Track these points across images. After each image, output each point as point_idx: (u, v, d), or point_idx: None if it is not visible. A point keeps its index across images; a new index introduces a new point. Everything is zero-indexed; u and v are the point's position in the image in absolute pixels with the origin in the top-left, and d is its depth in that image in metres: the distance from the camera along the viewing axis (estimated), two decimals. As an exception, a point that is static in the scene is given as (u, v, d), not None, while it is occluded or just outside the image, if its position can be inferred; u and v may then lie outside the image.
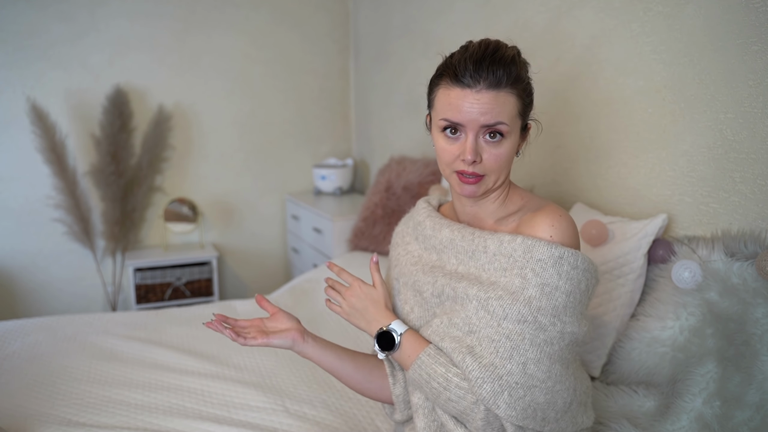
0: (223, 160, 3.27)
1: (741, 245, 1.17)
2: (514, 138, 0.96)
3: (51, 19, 2.80)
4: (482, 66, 0.92)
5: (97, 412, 1.45)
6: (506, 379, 0.91)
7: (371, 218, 2.47)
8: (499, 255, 0.97)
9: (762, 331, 1.07)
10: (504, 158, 0.96)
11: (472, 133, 0.94)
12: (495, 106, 0.92)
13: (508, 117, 0.94)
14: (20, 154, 2.83)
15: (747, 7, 1.23)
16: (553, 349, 0.93)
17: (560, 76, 1.78)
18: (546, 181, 1.89)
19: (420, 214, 1.14)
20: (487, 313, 0.94)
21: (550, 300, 0.92)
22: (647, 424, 1.15)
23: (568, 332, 0.94)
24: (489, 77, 0.92)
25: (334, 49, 3.43)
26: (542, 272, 0.92)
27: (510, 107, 0.94)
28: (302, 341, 1.07)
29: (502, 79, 0.92)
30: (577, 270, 0.94)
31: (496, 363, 0.91)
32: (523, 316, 0.92)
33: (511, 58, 0.94)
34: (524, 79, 0.96)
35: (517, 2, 1.98)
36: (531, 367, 0.91)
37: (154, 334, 1.93)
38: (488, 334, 0.93)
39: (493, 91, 0.92)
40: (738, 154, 1.28)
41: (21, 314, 2.96)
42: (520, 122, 0.97)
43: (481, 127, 0.93)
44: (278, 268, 3.51)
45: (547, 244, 0.93)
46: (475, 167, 0.95)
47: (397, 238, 1.21)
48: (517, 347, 0.91)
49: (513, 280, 0.94)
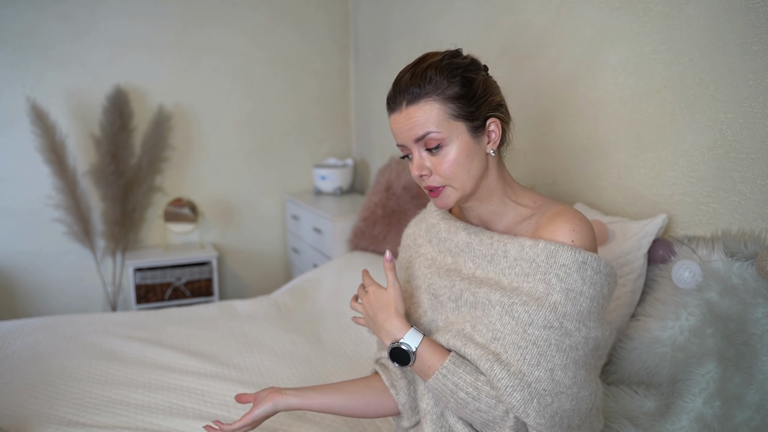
0: (223, 160, 3.27)
1: (741, 245, 1.17)
2: (458, 141, 0.95)
3: (51, 19, 2.80)
4: (399, 87, 0.96)
5: (97, 412, 1.45)
6: (535, 386, 0.89)
7: (371, 218, 2.47)
8: (521, 260, 0.95)
9: (762, 331, 1.07)
10: (453, 164, 0.95)
11: (415, 149, 0.96)
12: (418, 119, 0.94)
13: (435, 124, 0.94)
14: (20, 154, 2.83)
15: (747, 7, 1.23)
16: (578, 354, 0.92)
17: (560, 76, 1.78)
18: (546, 181, 1.89)
19: (433, 216, 1.13)
20: (511, 318, 0.92)
21: (575, 305, 0.92)
22: (648, 424, 1.15)
23: (592, 337, 0.93)
24: (406, 96, 0.95)
25: (334, 49, 3.43)
26: (566, 277, 0.91)
27: (434, 114, 0.93)
28: (281, 397, 1.06)
29: (416, 92, 0.94)
30: (600, 275, 0.93)
31: (524, 370, 0.90)
32: (549, 321, 0.90)
33: (426, 68, 0.94)
34: (443, 83, 0.94)
35: (517, 2, 1.98)
36: (558, 374, 0.90)
37: (154, 334, 1.93)
38: (514, 340, 0.91)
39: (413, 106, 0.94)
40: (738, 154, 1.28)
41: (21, 314, 2.96)
42: (464, 123, 0.95)
43: (415, 142, 0.95)
44: (278, 268, 3.51)
45: (571, 248, 0.92)
46: (427, 181, 0.97)
47: (408, 240, 1.19)
48: (544, 353, 0.90)
49: (536, 286, 0.93)
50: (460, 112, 0.95)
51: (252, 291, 3.45)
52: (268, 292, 3.37)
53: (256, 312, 2.18)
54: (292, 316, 2.15)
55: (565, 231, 0.95)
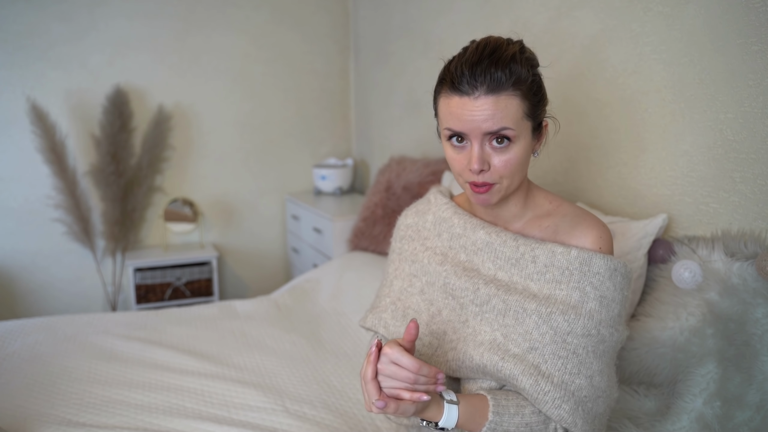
0: (223, 160, 3.27)
1: (741, 245, 1.17)
2: (524, 141, 0.91)
3: (51, 19, 2.80)
4: (478, 71, 0.86)
5: (97, 412, 1.45)
6: (578, 395, 0.89)
7: (371, 218, 2.47)
8: (552, 267, 0.94)
9: (762, 331, 1.07)
10: (514, 163, 0.90)
11: (477, 141, 0.89)
12: (497, 112, 0.86)
13: (513, 121, 0.87)
14: (20, 154, 2.83)
15: (747, 7, 1.23)
16: (610, 357, 0.94)
17: (560, 76, 1.78)
18: (546, 181, 1.89)
19: (444, 210, 1.08)
20: (550, 328, 0.91)
21: (609, 311, 0.93)
22: (648, 425, 1.15)
23: (621, 340, 0.95)
24: (487, 82, 0.86)
25: (334, 49, 3.42)
26: (600, 285, 0.92)
27: (513, 110, 0.87)
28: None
29: (501, 82, 0.86)
30: (626, 279, 0.95)
31: (566, 380, 0.89)
32: (588, 330, 0.91)
33: (511, 57, 0.87)
34: (528, 78, 0.88)
35: (517, 2, 1.98)
36: (596, 379, 0.92)
37: (154, 334, 1.93)
38: (553, 350, 0.90)
39: (493, 96, 0.86)
40: (738, 154, 1.28)
41: (21, 314, 2.96)
42: (530, 123, 0.91)
43: (484, 134, 0.88)
44: (278, 268, 3.51)
45: (603, 256, 0.93)
46: (483, 176, 0.91)
47: (410, 231, 1.13)
48: (583, 362, 0.91)
49: (571, 294, 0.92)
50: (530, 111, 0.90)
51: (252, 291, 3.45)
52: (268, 292, 3.37)
53: (256, 312, 2.18)
54: (292, 316, 2.15)
55: (593, 238, 0.95)
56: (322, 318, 2.11)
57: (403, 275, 1.11)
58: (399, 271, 1.12)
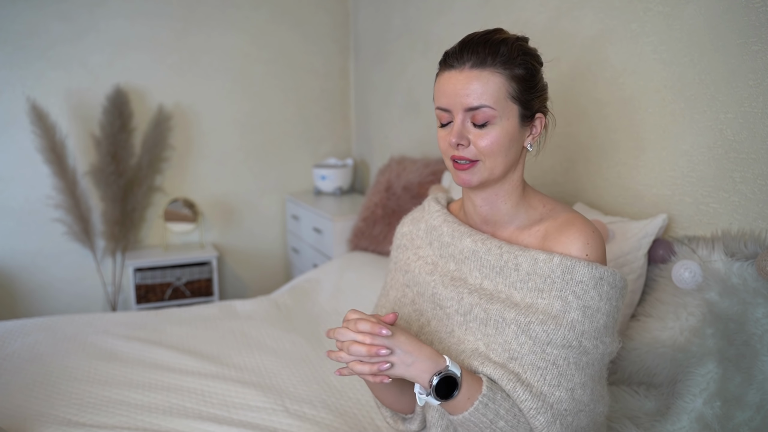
0: (223, 160, 3.27)
1: (741, 245, 1.17)
2: (507, 123, 0.91)
3: (51, 19, 2.80)
4: (468, 46, 0.91)
5: (97, 412, 1.45)
6: (556, 407, 0.87)
7: (371, 218, 2.47)
8: (534, 275, 0.91)
9: (762, 331, 1.07)
10: (495, 143, 0.90)
11: (459, 116, 0.91)
12: (478, 86, 0.89)
13: (494, 99, 0.89)
14: (20, 154, 2.83)
15: (747, 7, 1.23)
16: (595, 370, 0.91)
17: (560, 76, 1.78)
18: (546, 181, 1.89)
19: (435, 218, 1.08)
20: (528, 338, 0.89)
21: (593, 322, 0.89)
22: (648, 425, 1.15)
23: (608, 352, 0.92)
24: (473, 57, 0.90)
25: (334, 49, 3.42)
26: (584, 295, 0.88)
27: (495, 88, 0.89)
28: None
29: (486, 59, 0.89)
30: (615, 289, 0.91)
31: (545, 391, 0.87)
32: (568, 341, 0.88)
33: (502, 40, 0.91)
34: (517, 61, 0.91)
35: (517, 2, 1.98)
36: (578, 392, 0.89)
37: (154, 334, 1.93)
38: (532, 360, 0.88)
39: (477, 70, 0.89)
40: (738, 154, 1.28)
41: (21, 314, 2.95)
42: (517, 108, 0.91)
43: (466, 110, 0.90)
44: (278, 268, 3.51)
45: (587, 264, 0.89)
46: (463, 151, 0.92)
47: (404, 240, 1.13)
48: (563, 373, 0.88)
49: (552, 303, 0.89)
50: (519, 96, 0.91)
51: (252, 291, 3.45)
52: (268, 292, 3.37)
53: (256, 312, 2.18)
54: (292, 316, 2.15)
55: (579, 245, 0.92)
56: (322, 318, 2.11)
57: (398, 285, 1.11)
58: (394, 281, 1.13)
